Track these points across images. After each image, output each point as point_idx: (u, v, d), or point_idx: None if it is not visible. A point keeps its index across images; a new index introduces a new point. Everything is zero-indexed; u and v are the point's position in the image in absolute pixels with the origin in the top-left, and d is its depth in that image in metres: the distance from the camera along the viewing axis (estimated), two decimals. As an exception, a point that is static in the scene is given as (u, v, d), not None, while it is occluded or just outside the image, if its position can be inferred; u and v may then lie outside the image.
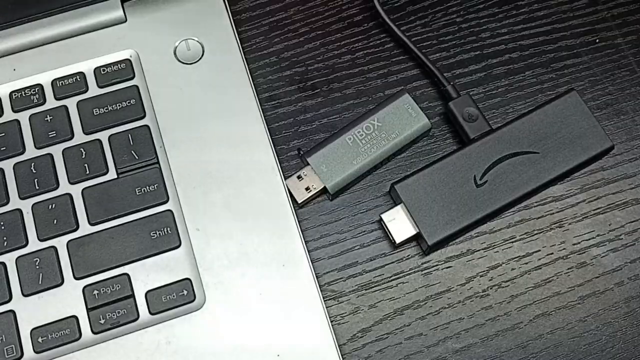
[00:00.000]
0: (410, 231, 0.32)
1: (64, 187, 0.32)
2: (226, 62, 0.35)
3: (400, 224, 0.32)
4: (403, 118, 0.34)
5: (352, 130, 0.34)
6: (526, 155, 0.33)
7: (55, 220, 0.31)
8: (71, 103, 0.34)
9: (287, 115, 0.36)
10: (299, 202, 0.33)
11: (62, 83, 0.34)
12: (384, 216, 0.33)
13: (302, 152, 0.34)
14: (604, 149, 0.33)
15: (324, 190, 0.33)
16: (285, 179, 0.33)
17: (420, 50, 0.36)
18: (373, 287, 0.33)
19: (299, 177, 0.33)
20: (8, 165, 0.32)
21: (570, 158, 0.33)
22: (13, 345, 0.30)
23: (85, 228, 0.31)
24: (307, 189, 0.33)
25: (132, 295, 0.30)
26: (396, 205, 0.33)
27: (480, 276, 0.33)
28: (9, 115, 0.33)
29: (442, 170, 0.33)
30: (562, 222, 0.34)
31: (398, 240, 0.32)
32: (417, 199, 0.32)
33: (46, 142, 0.33)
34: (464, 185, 0.32)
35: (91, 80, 0.34)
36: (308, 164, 0.33)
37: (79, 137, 0.33)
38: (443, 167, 0.33)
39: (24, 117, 0.33)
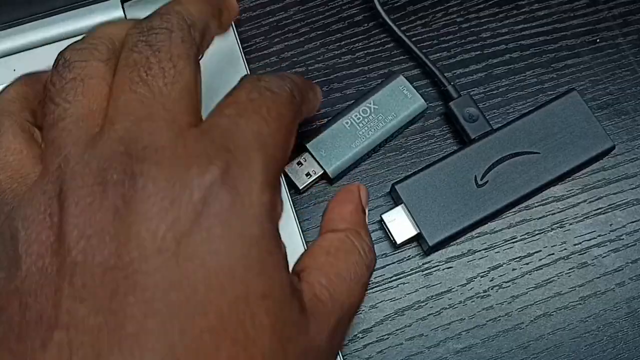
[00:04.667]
0: (411, 232, 0.32)
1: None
2: (226, 63, 0.35)
3: (401, 224, 0.32)
4: (399, 100, 0.34)
5: (350, 114, 0.34)
6: (527, 155, 0.33)
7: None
8: (71, 103, 0.34)
9: (287, 115, 0.35)
10: (300, 188, 0.33)
11: (62, 83, 0.34)
12: (385, 217, 0.32)
13: (300, 138, 0.34)
14: (605, 149, 0.33)
15: (324, 175, 0.33)
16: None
17: (421, 50, 0.36)
18: (374, 287, 0.33)
19: (298, 163, 0.33)
20: (8, 165, 0.32)
21: (571, 158, 0.33)
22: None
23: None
24: (307, 174, 0.33)
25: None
26: (397, 205, 0.33)
27: (481, 277, 0.33)
28: (8, 115, 0.33)
29: (442, 170, 0.33)
30: (563, 223, 0.34)
31: (399, 240, 0.32)
32: (417, 199, 0.32)
33: (46, 142, 0.33)
34: (464, 186, 0.32)
35: (91, 80, 0.34)
36: (307, 150, 0.33)
37: (79, 138, 0.33)
38: (444, 167, 0.33)
39: (23, 117, 0.33)
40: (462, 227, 0.32)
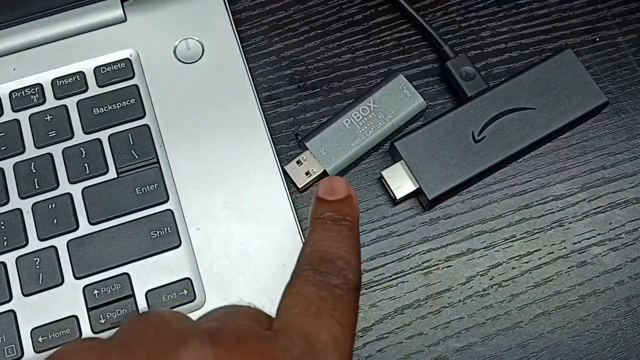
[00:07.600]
0: (410, 187, 0.32)
1: (64, 186, 0.32)
2: (226, 62, 0.35)
3: (400, 180, 0.33)
4: (398, 98, 0.34)
5: (349, 113, 0.34)
6: (523, 111, 0.33)
7: (55, 220, 0.31)
8: (71, 102, 0.34)
9: (287, 114, 0.36)
10: (300, 187, 0.33)
11: (62, 82, 0.34)
12: (384, 173, 0.33)
13: (300, 137, 0.34)
14: (599, 105, 0.34)
15: (324, 174, 0.33)
16: (284, 164, 0.33)
17: (417, 12, 0.36)
18: (373, 286, 0.33)
19: (298, 162, 0.33)
20: (8, 164, 0.32)
21: (566, 113, 0.33)
22: (13, 345, 0.30)
23: (85, 228, 0.31)
24: (307, 173, 0.33)
25: (133, 295, 0.30)
26: (396, 162, 0.33)
27: (481, 275, 0.33)
28: (8, 114, 0.33)
29: (441, 127, 0.33)
30: (562, 221, 0.34)
31: (399, 196, 0.33)
32: (416, 155, 0.33)
33: (46, 141, 0.33)
34: (462, 141, 0.33)
35: (91, 79, 0.34)
36: (307, 149, 0.33)
37: (79, 137, 0.33)
38: (442, 124, 0.33)
39: (24, 116, 0.33)
40: (461, 181, 0.32)
